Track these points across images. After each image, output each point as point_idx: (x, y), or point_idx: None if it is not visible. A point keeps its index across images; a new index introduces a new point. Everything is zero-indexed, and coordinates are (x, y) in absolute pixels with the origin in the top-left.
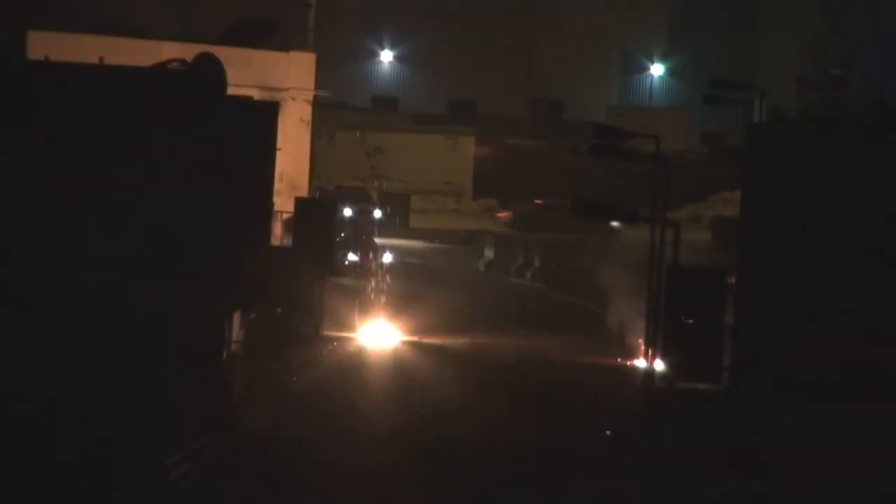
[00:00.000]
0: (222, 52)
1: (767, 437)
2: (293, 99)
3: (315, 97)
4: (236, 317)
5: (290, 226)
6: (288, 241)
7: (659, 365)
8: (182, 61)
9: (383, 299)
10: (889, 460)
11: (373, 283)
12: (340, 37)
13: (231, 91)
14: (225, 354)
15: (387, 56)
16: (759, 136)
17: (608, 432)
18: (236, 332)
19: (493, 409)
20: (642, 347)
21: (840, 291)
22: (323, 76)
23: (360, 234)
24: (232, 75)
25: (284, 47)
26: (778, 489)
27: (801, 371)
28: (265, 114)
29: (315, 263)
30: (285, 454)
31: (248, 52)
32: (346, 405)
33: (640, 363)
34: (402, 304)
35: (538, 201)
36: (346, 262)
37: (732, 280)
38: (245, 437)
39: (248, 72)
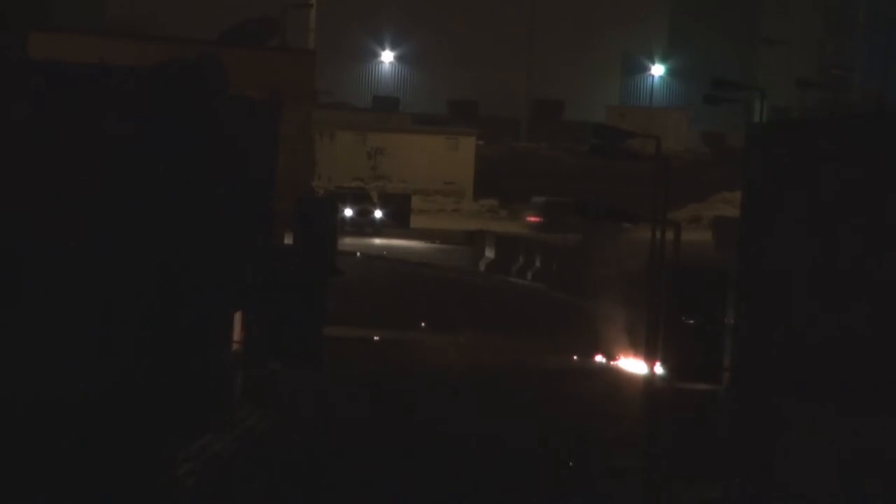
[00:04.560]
0: (223, 53)
1: (767, 437)
2: (293, 99)
3: (315, 97)
4: (237, 317)
5: (291, 226)
6: (288, 241)
7: (660, 365)
8: (182, 62)
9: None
10: (888, 460)
11: None
12: (340, 37)
13: (231, 91)
14: (226, 355)
15: (387, 56)
16: (759, 136)
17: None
18: (237, 332)
19: (483, 411)
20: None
21: (840, 291)
22: (323, 76)
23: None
24: (232, 76)
25: (285, 47)
26: (778, 489)
27: (801, 370)
28: (265, 114)
29: (315, 263)
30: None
31: (249, 52)
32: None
33: (640, 364)
34: None
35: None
36: None
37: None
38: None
39: (249, 72)
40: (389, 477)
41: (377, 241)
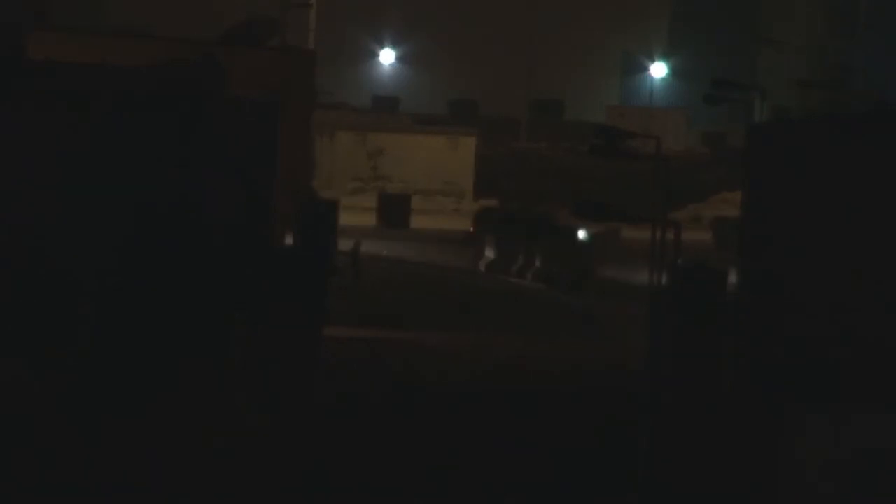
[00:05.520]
0: (223, 53)
1: (768, 438)
2: (293, 99)
3: (315, 97)
4: (237, 318)
5: (291, 226)
6: (288, 241)
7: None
8: (182, 61)
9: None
10: (889, 460)
11: None
12: (340, 37)
13: (231, 91)
14: (227, 355)
15: (387, 56)
16: (759, 136)
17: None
18: (237, 333)
19: (486, 409)
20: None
21: (840, 291)
22: (323, 76)
23: None
24: (232, 76)
25: (285, 47)
26: (780, 491)
27: (801, 371)
28: (265, 114)
29: (315, 264)
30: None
31: (249, 52)
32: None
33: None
34: None
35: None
36: None
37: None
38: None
39: (249, 72)
40: (395, 477)
41: (377, 241)
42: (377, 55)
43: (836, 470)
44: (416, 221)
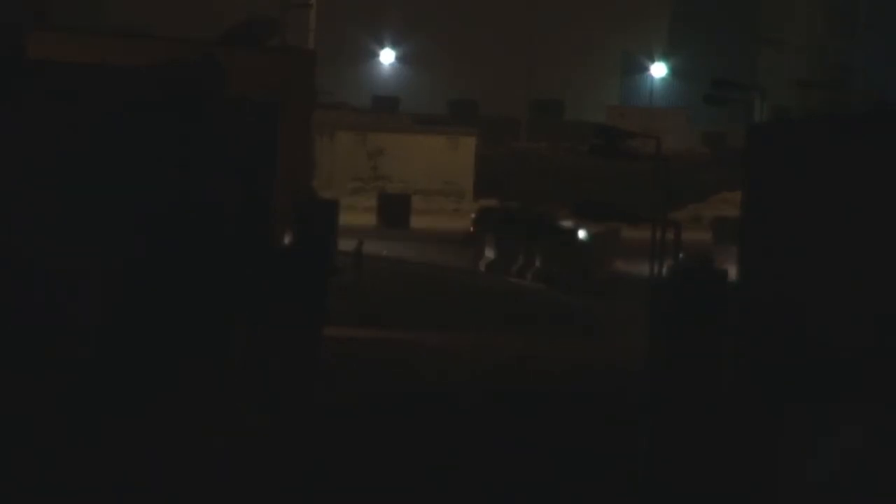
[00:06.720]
0: (223, 53)
1: (768, 438)
2: (293, 99)
3: (315, 97)
4: (238, 318)
5: (291, 226)
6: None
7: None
8: (182, 61)
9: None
10: (889, 460)
11: None
12: (340, 37)
13: (231, 91)
14: (227, 355)
15: (387, 56)
16: (759, 136)
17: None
18: (238, 333)
19: (487, 411)
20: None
21: (840, 290)
22: (323, 76)
23: None
24: (232, 76)
25: (285, 47)
26: (781, 491)
27: (801, 371)
28: (265, 114)
29: (315, 264)
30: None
31: (249, 52)
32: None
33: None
34: None
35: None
36: None
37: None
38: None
39: (249, 72)
40: (395, 477)
41: (378, 241)
42: (377, 55)
43: (836, 470)
44: (416, 221)
